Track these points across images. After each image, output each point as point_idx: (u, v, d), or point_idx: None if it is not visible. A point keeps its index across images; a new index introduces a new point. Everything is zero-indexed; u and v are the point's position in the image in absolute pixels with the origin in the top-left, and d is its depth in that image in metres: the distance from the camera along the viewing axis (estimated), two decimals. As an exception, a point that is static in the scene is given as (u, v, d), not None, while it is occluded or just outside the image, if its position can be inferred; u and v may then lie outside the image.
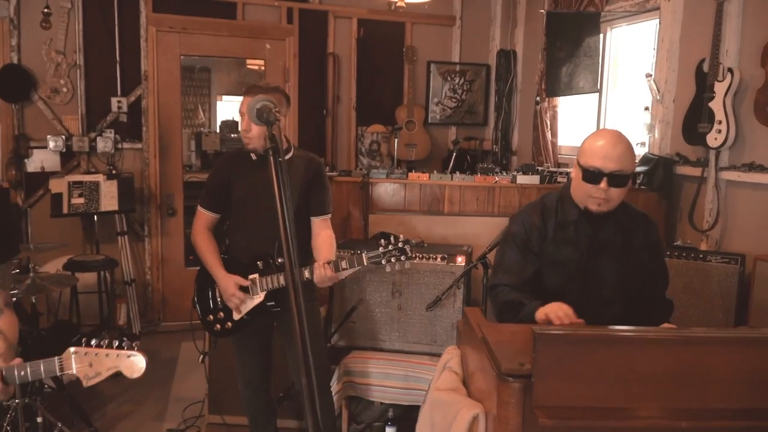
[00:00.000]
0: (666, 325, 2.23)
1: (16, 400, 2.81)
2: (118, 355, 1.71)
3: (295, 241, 2.74)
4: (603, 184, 2.14)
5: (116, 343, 1.70)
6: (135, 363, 1.68)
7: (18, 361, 1.78)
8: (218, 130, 8.15)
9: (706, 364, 1.39)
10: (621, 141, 2.19)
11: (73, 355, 1.72)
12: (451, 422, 1.72)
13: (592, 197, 2.19)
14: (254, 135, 2.73)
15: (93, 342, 1.73)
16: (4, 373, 1.75)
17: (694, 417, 1.39)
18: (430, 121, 6.05)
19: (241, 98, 2.89)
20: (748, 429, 1.41)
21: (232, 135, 7.70)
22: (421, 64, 5.99)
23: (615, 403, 1.41)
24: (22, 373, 1.79)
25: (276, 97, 2.79)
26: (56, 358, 1.74)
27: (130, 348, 1.73)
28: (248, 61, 7.01)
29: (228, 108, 8.72)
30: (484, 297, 3.00)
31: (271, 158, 1.16)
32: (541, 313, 2.06)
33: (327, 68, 5.71)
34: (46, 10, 4.77)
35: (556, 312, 2.02)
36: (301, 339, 1.01)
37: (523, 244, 2.32)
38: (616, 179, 2.15)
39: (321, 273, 2.68)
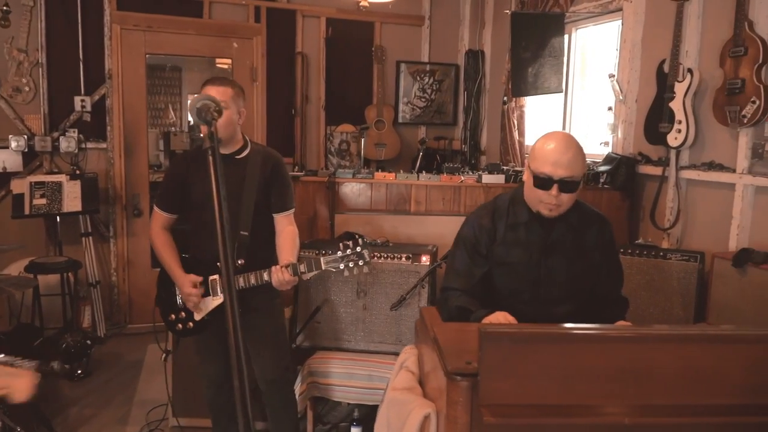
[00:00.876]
0: (621, 322, 2.26)
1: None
2: (8, 373, 1.57)
3: (259, 241, 2.78)
4: (554, 191, 2.15)
5: (14, 361, 1.57)
6: (23, 383, 1.54)
7: None
8: (187, 130, 8.06)
9: (648, 361, 1.41)
10: (571, 146, 2.18)
11: None
12: (404, 421, 1.73)
13: (543, 202, 2.20)
14: (229, 123, 2.73)
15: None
16: None
17: (638, 413, 1.41)
18: (399, 120, 6.05)
19: None
20: (690, 425, 1.43)
21: (202, 135, 7.62)
22: (391, 63, 5.99)
23: (560, 401, 1.42)
24: None
25: (232, 91, 2.77)
26: None
27: (26, 368, 1.58)
28: (218, 60, 6.94)
29: (199, 107, 8.63)
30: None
31: (210, 158, 1.14)
32: (486, 319, 2.10)
33: (295, 67, 5.69)
34: (5, 7, 4.68)
35: (500, 321, 2.06)
36: (234, 341, 1.00)
37: (472, 247, 2.34)
38: (566, 185, 2.15)
39: (279, 277, 2.67)
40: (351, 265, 2.65)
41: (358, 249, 2.65)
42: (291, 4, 5.63)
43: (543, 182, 2.16)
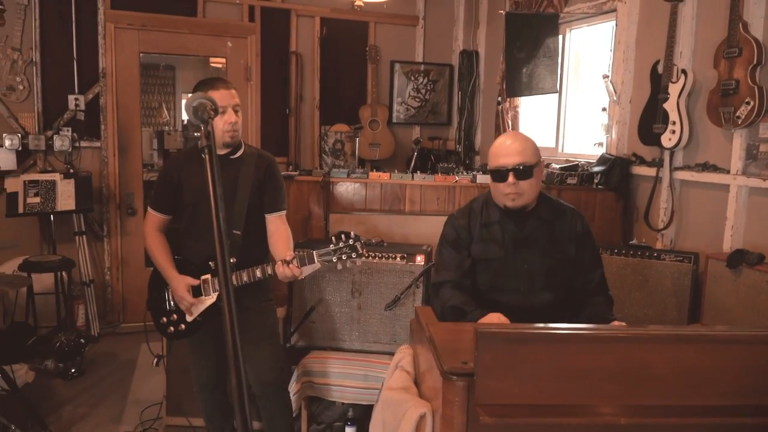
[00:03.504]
0: (617, 323, 2.28)
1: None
2: None
3: (251, 240, 2.78)
4: (510, 178, 2.29)
5: None
6: None
7: None
8: (181, 129, 8.05)
9: (644, 361, 1.41)
10: (517, 137, 2.39)
11: None
12: (400, 421, 1.73)
13: (505, 194, 2.34)
14: (240, 127, 2.80)
15: None
16: None
17: (634, 413, 1.41)
18: (394, 120, 6.06)
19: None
20: (686, 425, 1.43)
21: (196, 134, 7.59)
22: (385, 63, 6.00)
23: (556, 401, 1.42)
24: None
25: (232, 92, 2.79)
26: None
27: None
28: (212, 60, 6.94)
29: (193, 106, 8.61)
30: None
31: (207, 157, 1.14)
32: (483, 321, 2.19)
33: (290, 67, 5.69)
34: (0, 6, 4.65)
35: (493, 322, 2.16)
36: (231, 340, 1.00)
37: (455, 242, 2.48)
38: (520, 172, 2.29)
39: (282, 270, 2.66)
40: (344, 258, 2.65)
41: (351, 242, 2.66)
42: (285, 4, 5.62)
43: (499, 174, 2.32)
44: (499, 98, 5.17)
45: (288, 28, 5.65)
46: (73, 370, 4.27)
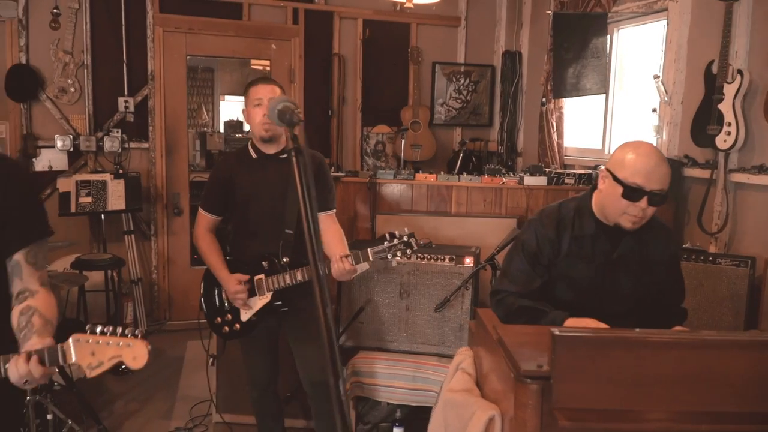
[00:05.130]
0: (677, 328, 2.23)
1: (27, 398, 2.82)
2: (120, 344, 1.58)
3: (317, 239, 2.80)
4: (643, 203, 2.06)
5: (120, 331, 1.59)
6: (137, 351, 1.56)
7: (50, 342, 1.68)
8: (222, 130, 8.15)
9: (721, 367, 1.39)
10: (663, 159, 2.11)
11: (73, 343, 1.56)
12: (466, 423, 1.73)
13: (627, 214, 2.11)
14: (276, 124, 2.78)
15: (98, 329, 1.62)
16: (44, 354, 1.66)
17: (710, 420, 1.39)
18: (434, 122, 6.05)
19: (242, 98, 2.91)
20: (766, 432, 1.41)
21: (237, 135, 7.70)
22: (426, 64, 5.99)
23: (631, 406, 1.42)
24: None
25: (272, 87, 2.83)
26: (58, 345, 1.64)
27: (134, 336, 1.61)
28: (253, 61, 7.01)
29: (231, 108, 8.72)
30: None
31: (295, 159, 1.16)
32: (572, 324, 2.04)
33: (332, 69, 5.72)
34: (55, 10, 4.78)
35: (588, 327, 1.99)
36: (328, 340, 1.01)
37: (533, 256, 2.26)
38: (656, 198, 2.07)
39: (339, 267, 2.68)
40: (399, 254, 2.67)
41: (405, 238, 2.67)
42: (328, 6, 5.66)
43: (633, 193, 2.06)
44: (544, 99, 5.13)
45: (331, 30, 5.68)
46: (123, 366, 4.34)
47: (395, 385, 3.38)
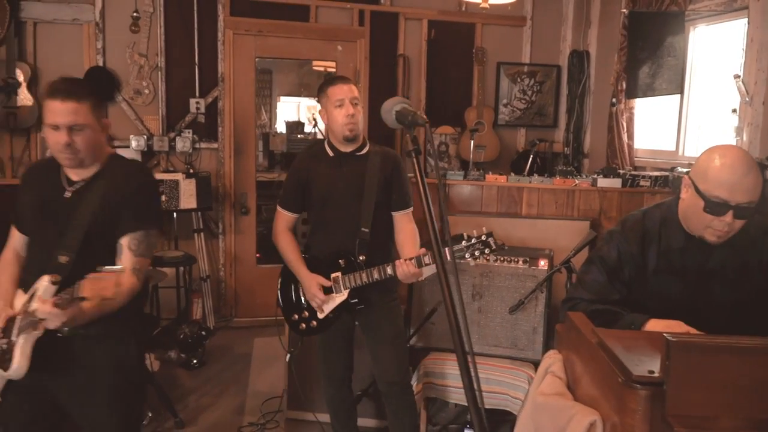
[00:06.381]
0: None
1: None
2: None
3: (379, 238, 2.82)
4: (728, 217, 1.88)
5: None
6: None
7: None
8: (284, 131, 8.28)
9: None
10: (752, 167, 1.89)
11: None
12: (563, 427, 1.71)
13: (711, 228, 1.94)
14: (360, 120, 2.83)
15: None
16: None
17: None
18: (498, 122, 6.00)
19: (299, 99, 2.96)
20: None
21: (298, 135, 7.82)
22: (491, 65, 5.95)
23: (747, 414, 1.37)
24: None
25: (351, 86, 2.86)
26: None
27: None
28: (315, 63, 7.11)
29: (288, 108, 8.85)
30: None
31: (415, 159, 1.17)
32: (656, 326, 1.91)
33: (397, 70, 5.74)
34: (135, 14, 4.95)
35: (674, 330, 1.86)
36: (458, 336, 1.02)
37: (612, 271, 2.11)
38: (742, 212, 1.88)
39: (404, 269, 2.69)
40: (477, 254, 2.66)
41: (483, 237, 2.66)
42: (394, 7, 5.68)
43: (716, 207, 1.88)
44: (614, 99, 5.03)
45: (396, 31, 5.70)
46: (194, 361, 4.47)
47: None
